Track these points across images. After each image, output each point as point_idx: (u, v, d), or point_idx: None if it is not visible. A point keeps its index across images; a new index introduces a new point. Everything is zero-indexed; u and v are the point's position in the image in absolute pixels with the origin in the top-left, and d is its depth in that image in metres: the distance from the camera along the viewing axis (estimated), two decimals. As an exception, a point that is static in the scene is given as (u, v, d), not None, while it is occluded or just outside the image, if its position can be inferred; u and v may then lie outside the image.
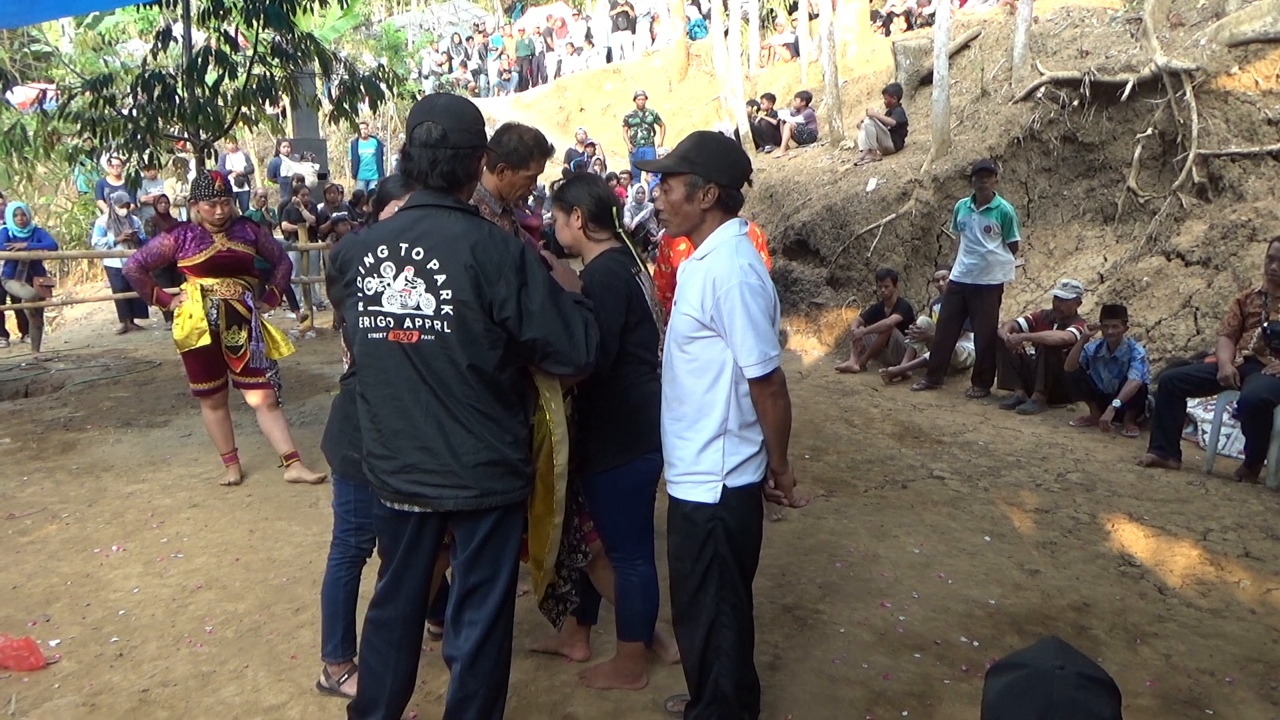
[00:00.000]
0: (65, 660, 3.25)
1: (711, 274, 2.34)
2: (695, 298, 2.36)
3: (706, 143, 2.46)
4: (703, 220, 2.44)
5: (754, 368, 2.32)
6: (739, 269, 2.32)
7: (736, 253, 2.36)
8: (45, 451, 5.78)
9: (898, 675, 3.12)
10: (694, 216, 2.44)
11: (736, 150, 2.52)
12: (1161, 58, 8.65)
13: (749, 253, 2.40)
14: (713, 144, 2.47)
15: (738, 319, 2.30)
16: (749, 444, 2.44)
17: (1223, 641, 3.39)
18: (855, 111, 12.79)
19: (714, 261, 2.37)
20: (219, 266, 4.84)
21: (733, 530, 2.45)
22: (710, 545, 2.44)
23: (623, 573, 2.88)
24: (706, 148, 2.44)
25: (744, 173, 2.47)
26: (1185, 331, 7.10)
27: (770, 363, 2.33)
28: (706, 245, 2.43)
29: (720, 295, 2.31)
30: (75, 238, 14.90)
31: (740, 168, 2.46)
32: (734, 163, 2.45)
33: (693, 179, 2.40)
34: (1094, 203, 9.42)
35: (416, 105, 2.40)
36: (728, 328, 2.32)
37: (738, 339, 2.31)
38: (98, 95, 6.97)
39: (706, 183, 2.39)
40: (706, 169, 2.39)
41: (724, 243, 2.40)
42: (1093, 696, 1.25)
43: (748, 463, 2.44)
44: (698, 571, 2.47)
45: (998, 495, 5.01)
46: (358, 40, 21.84)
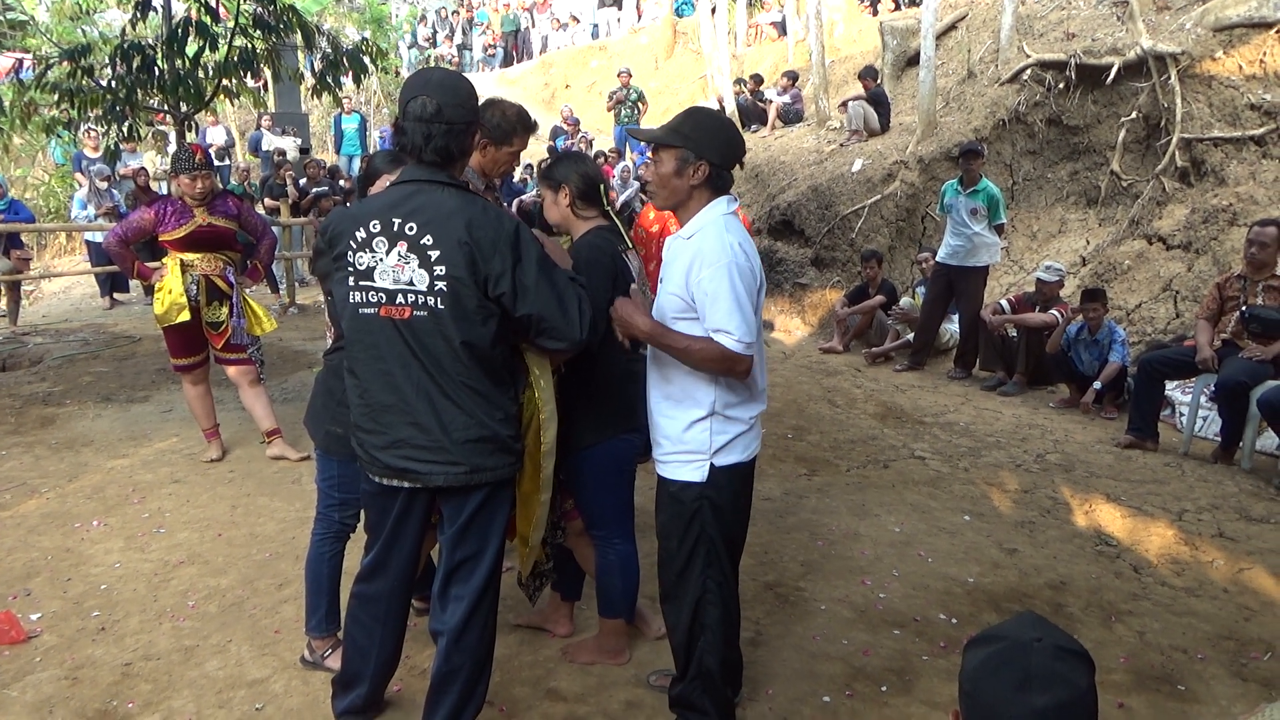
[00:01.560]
0: (46, 634, 3.24)
1: (700, 251, 2.30)
2: (681, 277, 2.33)
3: (701, 118, 2.42)
4: (690, 197, 2.39)
5: (724, 335, 2.25)
6: (729, 247, 2.29)
7: (726, 230, 2.33)
8: (24, 426, 5.73)
9: (877, 651, 3.16)
10: (681, 192, 2.39)
11: (731, 129, 2.48)
12: (1147, 41, 8.67)
13: (739, 231, 2.36)
14: (708, 120, 2.43)
15: (723, 297, 2.25)
16: (737, 423, 2.42)
17: (1195, 619, 3.45)
18: (842, 91, 12.77)
19: (702, 239, 2.32)
20: (200, 241, 4.78)
21: (720, 508, 2.44)
22: (697, 524, 2.44)
23: (602, 551, 2.90)
24: (701, 123, 2.39)
25: (737, 153, 2.42)
26: (1165, 314, 7.17)
27: (743, 347, 2.27)
28: (694, 224, 2.38)
29: (705, 274, 2.26)
30: (53, 210, 14.69)
31: (733, 147, 2.42)
32: (727, 141, 2.40)
33: (684, 154, 2.35)
34: (1077, 186, 9.47)
35: (410, 79, 2.38)
36: (709, 303, 2.26)
37: (722, 312, 2.25)
38: (75, 65, 6.85)
39: (698, 159, 2.35)
40: (699, 145, 2.35)
41: (712, 221, 2.36)
42: (1069, 668, 1.27)
43: (735, 441, 2.43)
44: (684, 549, 2.46)
45: (978, 475, 5.07)
46: (340, 13, 21.55)
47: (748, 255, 2.34)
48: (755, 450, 2.53)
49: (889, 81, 11.98)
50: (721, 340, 2.26)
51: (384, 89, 20.13)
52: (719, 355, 2.27)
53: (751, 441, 2.49)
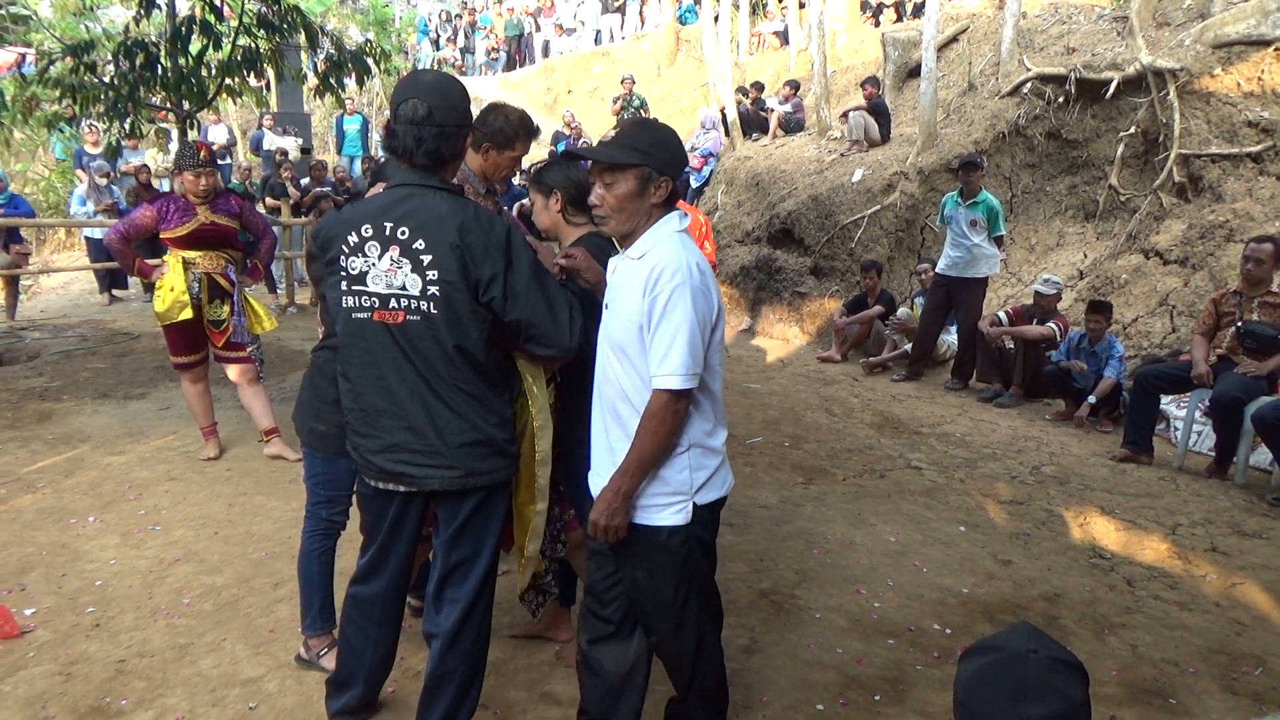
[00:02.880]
0: (41, 629, 3.24)
1: (655, 271, 2.09)
2: (636, 299, 2.12)
3: (656, 131, 2.25)
4: (649, 215, 2.21)
5: (672, 378, 2.06)
6: (686, 266, 2.09)
7: (683, 248, 2.14)
8: (20, 421, 5.73)
9: (871, 660, 3.17)
10: (642, 213, 2.20)
11: (678, 139, 2.31)
12: (1146, 57, 8.72)
13: (695, 250, 2.19)
14: (663, 133, 2.25)
15: (672, 320, 2.06)
16: (713, 454, 2.24)
17: (1187, 633, 3.47)
18: (843, 101, 12.82)
19: (657, 257, 2.12)
20: (202, 239, 4.79)
21: (706, 545, 2.31)
22: (689, 568, 2.26)
23: None
24: (658, 137, 2.22)
25: (684, 163, 2.33)
26: (1161, 329, 7.20)
27: (692, 379, 2.08)
28: (645, 243, 2.18)
29: (659, 292, 2.07)
30: (53, 206, 14.69)
31: (684, 158, 2.30)
32: (679, 153, 2.26)
33: (645, 171, 2.17)
34: (1076, 199, 9.51)
35: (402, 81, 2.38)
36: (657, 326, 2.07)
37: (664, 341, 2.06)
38: (78, 61, 6.86)
39: (660, 176, 2.18)
40: (660, 161, 2.18)
41: (666, 238, 2.17)
42: (1063, 679, 1.28)
43: (715, 476, 2.25)
44: (679, 598, 2.27)
45: (973, 486, 5.08)
46: (344, 14, 21.59)
47: (705, 277, 2.14)
48: (732, 483, 2.35)
49: (890, 92, 12.03)
50: (661, 386, 2.08)
51: (386, 91, 20.14)
52: (664, 411, 2.09)
53: (728, 474, 2.33)
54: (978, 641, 1.42)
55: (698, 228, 3.77)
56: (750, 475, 5.15)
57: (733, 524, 4.37)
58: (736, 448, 5.62)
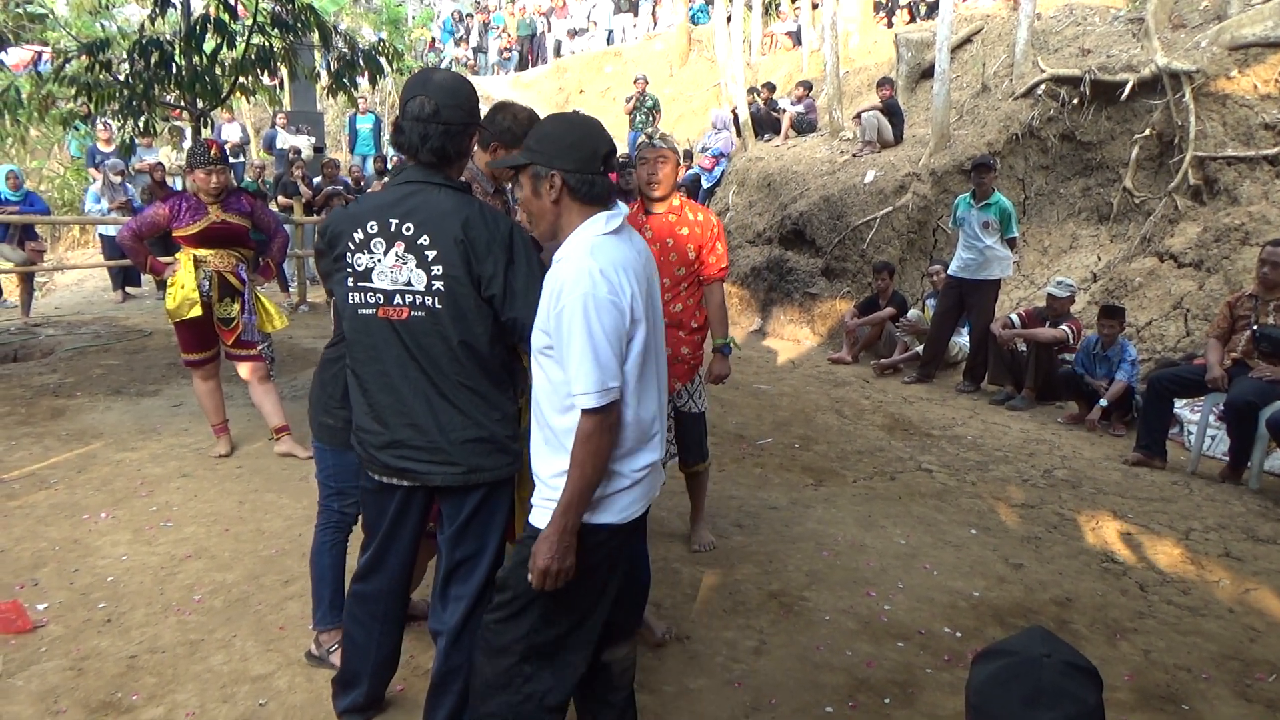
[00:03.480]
0: (53, 624, 3.26)
1: (557, 282, 1.98)
2: (543, 310, 2.02)
3: (544, 125, 2.12)
4: (559, 216, 2.07)
5: (586, 397, 1.93)
6: (586, 277, 1.93)
7: (590, 255, 1.97)
8: (34, 417, 5.76)
9: (881, 663, 3.16)
10: (548, 213, 2.07)
11: (581, 128, 2.09)
12: (1162, 59, 8.66)
13: (609, 254, 2.00)
14: (552, 125, 2.10)
15: (575, 336, 1.92)
16: (616, 478, 2.04)
17: (1201, 639, 3.44)
18: (856, 102, 12.78)
19: (561, 267, 2.00)
20: (213, 237, 4.81)
21: (585, 573, 2.04)
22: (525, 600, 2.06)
23: None
24: (544, 131, 2.08)
25: (594, 153, 2.06)
26: (1175, 332, 7.15)
27: (608, 394, 1.94)
28: (564, 248, 2.06)
29: (562, 306, 1.94)
30: (67, 203, 14.78)
31: (586, 148, 2.05)
32: (576, 142, 2.05)
33: (534, 169, 2.06)
34: (1090, 201, 9.45)
35: (411, 79, 2.40)
36: (564, 346, 1.95)
37: (573, 361, 1.93)
38: (94, 59, 6.90)
39: (549, 171, 2.04)
40: (546, 155, 2.04)
41: (580, 243, 2.02)
42: (1078, 684, 1.27)
43: (610, 499, 2.05)
44: (517, 604, 2.08)
45: (985, 489, 5.05)
46: (357, 13, 21.65)
47: (613, 284, 1.95)
48: (638, 511, 2.11)
49: (903, 93, 11.98)
50: (581, 404, 1.94)
51: (398, 90, 20.19)
52: (588, 431, 1.94)
53: (634, 501, 2.08)
54: (991, 645, 1.41)
55: (709, 228, 3.74)
56: (760, 476, 5.14)
57: (742, 525, 4.36)
58: (746, 449, 5.61)
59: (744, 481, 5.03)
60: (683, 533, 4.19)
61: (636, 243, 2.15)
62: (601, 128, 2.14)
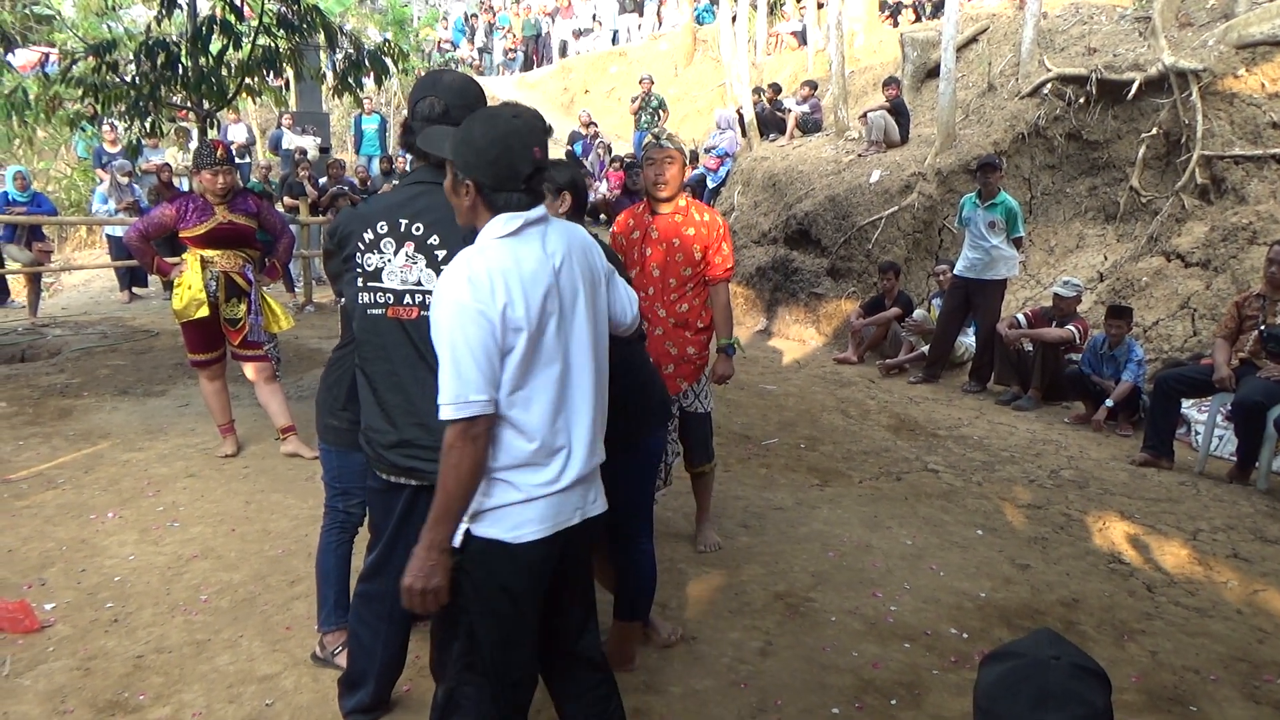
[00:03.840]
0: (60, 624, 3.26)
1: (439, 287, 1.91)
2: None
3: (470, 128, 1.95)
4: (475, 216, 1.97)
5: (446, 408, 1.85)
6: (458, 283, 1.85)
7: (470, 261, 1.89)
8: (42, 417, 5.78)
9: (887, 664, 3.15)
10: (465, 211, 1.98)
11: (503, 143, 1.91)
12: (1169, 57, 8.63)
13: (491, 260, 1.89)
14: (476, 128, 1.94)
15: (442, 346, 1.86)
16: (509, 489, 1.94)
17: (1208, 640, 3.43)
18: (861, 102, 12.77)
19: (447, 270, 1.94)
20: (220, 238, 4.82)
21: (481, 592, 1.99)
22: (460, 599, 2.00)
23: (629, 551, 2.90)
24: (468, 136, 1.94)
25: (512, 173, 1.91)
26: (1183, 332, 7.13)
27: (468, 407, 1.84)
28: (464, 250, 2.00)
29: (435, 311, 1.89)
30: (74, 204, 14.83)
31: (504, 165, 1.90)
32: (495, 159, 1.90)
33: (455, 169, 1.96)
34: (1096, 201, 9.43)
35: (420, 80, 2.41)
36: (437, 352, 1.89)
37: (442, 367, 1.87)
38: (100, 61, 6.92)
39: (465, 176, 1.94)
40: (465, 161, 1.93)
41: (473, 247, 1.94)
42: (1086, 687, 1.27)
43: (502, 511, 1.95)
44: (450, 618, 2.07)
45: (991, 490, 5.04)
46: (363, 14, 21.69)
47: (487, 292, 1.84)
48: (537, 533, 1.96)
49: (908, 93, 11.96)
50: (441, 415, 1.87)
51: (404, 90, 20.22)
52: (449, 448, 1.87)
53: (531, 521, 1.95)
54: (999, 647, 1.40)
55: (715, 229, 3.74)
56: (766, 477, 5.13)
57: (748, 525, 4.36)
58: (752, 449, 5.61)
59: (749, 482, 5.03)
60: (688, 533, 4.19)
61: (549, 244, 1.97)
62: (533, 142, 1.94)
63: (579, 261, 2.04)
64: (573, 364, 2.00)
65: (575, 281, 2.01)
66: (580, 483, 2.03)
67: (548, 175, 2.77)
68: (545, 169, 1.97)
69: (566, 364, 1.98)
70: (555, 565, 2.06)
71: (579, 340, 2.02)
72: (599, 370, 2.09)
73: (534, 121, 1.97)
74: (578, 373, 2.02)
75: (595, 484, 2.12)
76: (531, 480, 1.95)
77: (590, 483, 2.09)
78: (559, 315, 1.95)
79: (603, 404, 2.12)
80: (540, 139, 1.96)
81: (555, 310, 1.94)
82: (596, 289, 2.10)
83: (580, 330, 2.02)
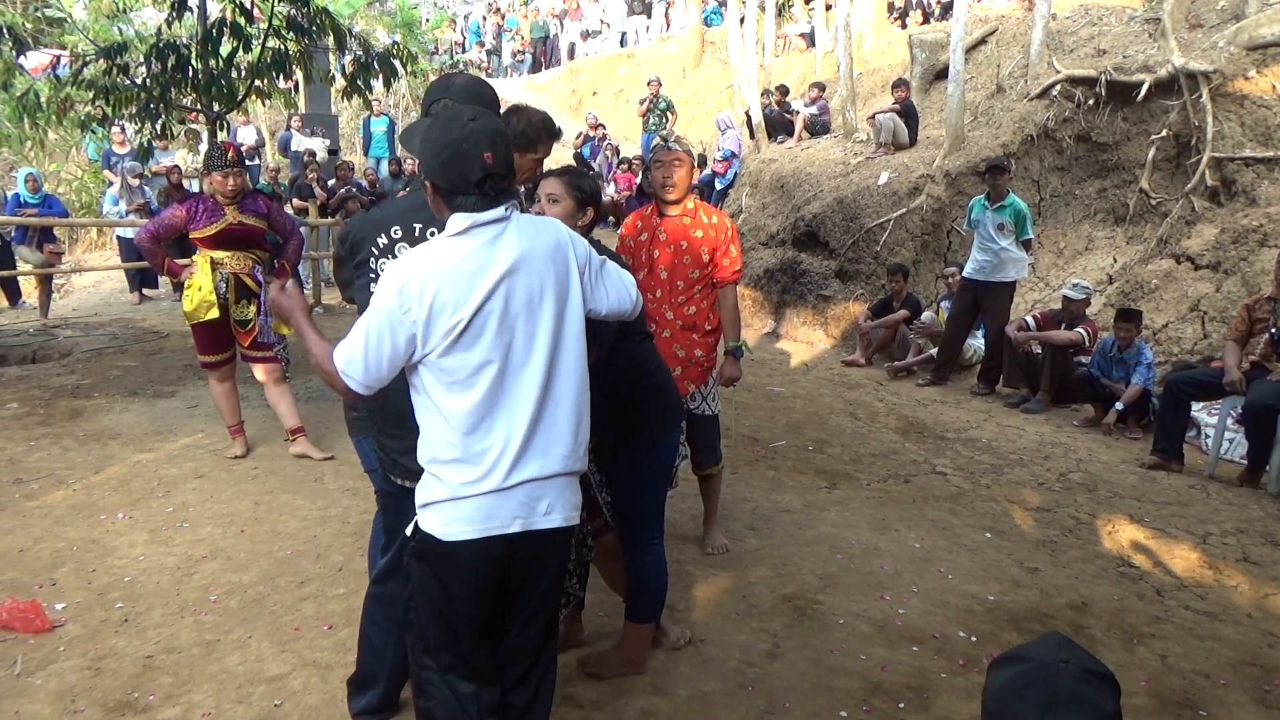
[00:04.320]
0: (71, 624, 3.28)
1: None
2: None
3: (431, 127, 1.98)
4: (441, 215, 2.02)
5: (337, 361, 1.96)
6: (390, 280, 1.92)
7: (407, 259, 1.95)
8: (52, 417, 5.81)
9: (895, 667, 3.14)
10: (435, 210, 2.04)
11: (455, 148, 1.92)
12: (1179, 59, 8.60)
13: (427, 257, 1.94)
14: (434, 130, 1.96)
15: (359, 320, 1.95)
16: (441, 486, 1.97)
17: (1218, 644, 3.41)
18: (869, 104, 12.74)
19: None
20: (230, 239, 4.84)
21: (420, 579, 2.04)
22: (411, 582, 2.08)
23: (641, 552, 2.91)
24: (429, 132, 1.97)
25: (463, 178, 1.92)
26: (1193, 335, 7.10)
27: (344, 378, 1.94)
28: None
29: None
30: (85, 205, 14.90)
31: (455, 170, 1.92)
32: (447, 162, 1.92)
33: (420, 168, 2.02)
34: (1105, 203, 9.39)
35: (434, 83, 2.42)
36: None
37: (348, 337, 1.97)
38: (111, 63, 6.95)
39: (424, 177, 2.00)
40: (424, 161, 1.98)
41: (423, 244, 2.06)
42: (1096, 690, 1.26)
43: (437, 507, 1.98)
44: (405, 606, 2.17)
45: (999, 493, 5.03)
46: (372, 16, 21.76)
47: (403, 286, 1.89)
48: (465, 534, 1.95)
49: (917, 95, 11.94)
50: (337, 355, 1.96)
51: (412, 92, 20.29)
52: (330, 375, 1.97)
53: (459, 521, 1.95)
54: (1007, 651, 1.40)
55: (723, 231, 3.74)
56: (774, 479, 5.13)
57: (756, 528, 4.36)
58: (760, 451, 5.60)
59: (757, 484, 5.02)
60: (696, 535, 4.19)
61: (502, 246, 1.95)
62: (485, 147, 1.92)
63: (544, 261, 2.00)
64: (513, 363, 1.96)
65: (536, 283, 1.98)
66: (520, 488, 1.97)
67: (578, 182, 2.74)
68: (498, 174, 1.93)
69: (506, 363, 1.94)
70: (500, 572, 2.02)
71: (532, 341, 1.97)
72: (562, 374, 2.02)
73: (490, 125, 1.95)
74: (522, 374, 1.97)
75: (549, 495, 2.02)
76: (457, 478, 1.94)
77: (540, 493, 2.00)
78: (501, 315, 1.92)
79: (565, 410, 2.03)
80: (495, 144, 1.94)
81: (497, 310, 1.92)
82: (566, 289, 2.04)
83: (538, 332, 1.98)
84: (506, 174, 1.97)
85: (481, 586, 2.01)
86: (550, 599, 2.18)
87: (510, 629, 2.15)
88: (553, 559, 2.11)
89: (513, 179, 2.05)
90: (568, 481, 2.07)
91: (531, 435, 1.97)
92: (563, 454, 2.03)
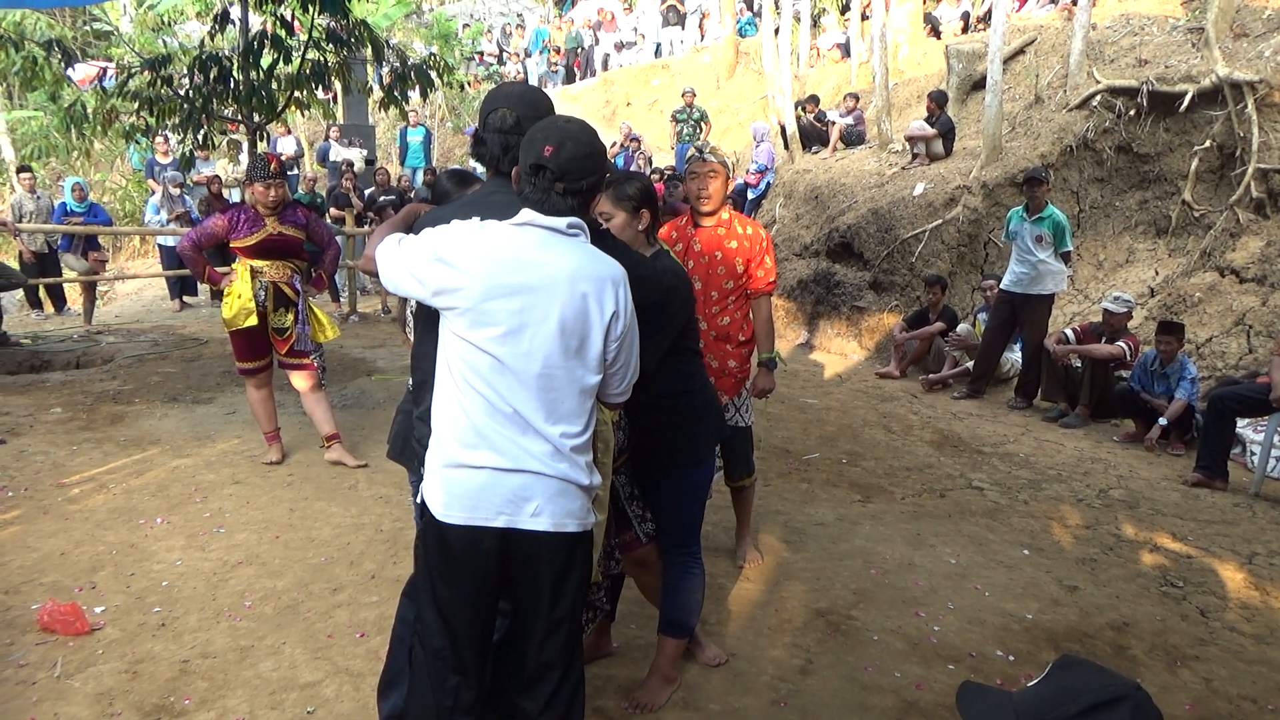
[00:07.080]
0: (109, 627, 3.32)
1: None
2: None
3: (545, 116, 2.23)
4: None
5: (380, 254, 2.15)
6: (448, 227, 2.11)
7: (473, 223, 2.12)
8: (95, 422, 5.91)
9: (930, 686, 3.09)
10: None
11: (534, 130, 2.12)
12: (1223, 69, 8.45)
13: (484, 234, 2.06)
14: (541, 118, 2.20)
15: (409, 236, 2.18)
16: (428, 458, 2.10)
17: (1266, 668, 3.32)
18: (905, 114, 12.65)
19: None
20: (270, 249, 4.91)
21: (423, 561, 2.15)
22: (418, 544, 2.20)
23: (684, 566, 2.88)
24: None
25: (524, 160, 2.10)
26: (1237, 349, 6.95)
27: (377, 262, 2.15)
28: None
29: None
30: (129, 214, 15.20)
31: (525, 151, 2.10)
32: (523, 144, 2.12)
33: None
34: (1146, 215, 9.24)
35: (491, 92, 2.44)
36: None
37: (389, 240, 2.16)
38: (155, 75, 7.10)
39: None
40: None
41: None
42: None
43: (430, 480, 2.08)
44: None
45: (1037, 508, 4.95)
46: (409, 28, 22.01)
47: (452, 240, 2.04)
48: (449, 518, 2.02)
49: (953, 105, 11.83)
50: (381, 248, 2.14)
51: (449, 103, 20.47)
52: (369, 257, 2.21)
53: (440, 492, 2.04)
54: (1092, 698, 1.34)
55: (758, 242, 3.72)
56: (807, 492, 5.09)
57: (789, 541, 4.32)
58: (793, 464, 5.56)
59: (790, 497, 4.98)
60: (728, 548, 4.16)
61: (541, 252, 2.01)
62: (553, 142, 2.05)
63: (574, 293, 2.00)
64: (508, 364, 1.99)
65: (556, 304, 1.98)
66: (502, 477, 1.99)
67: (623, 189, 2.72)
68: (549, 169, 2.03)
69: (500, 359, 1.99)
70: (495, 570, 2.06)
71: (529, 351, 1.99)
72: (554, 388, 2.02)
73: (571, 130, 2.07)
74: (516, 375, 1.99)
75: (537, 497, 2.02)
76: (450, 458, 2.02)
77: (528, 494, 2.01)
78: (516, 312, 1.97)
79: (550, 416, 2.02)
80: (562, 143, 2.04)
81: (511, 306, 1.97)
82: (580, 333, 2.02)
83: (536, 345, 1.98)
84: (560, 176, 2.04)
85: (474, 578, 2.06)
86: (566, 611, 2.14)
87: (529, 645, 2.14)
88: (547, 563, 2.08)
89: (568, 185, 2.06)
90: (561, 487, 2.04)
91: (517, 432, 2.00)
92: (551, 458, 2.02)
